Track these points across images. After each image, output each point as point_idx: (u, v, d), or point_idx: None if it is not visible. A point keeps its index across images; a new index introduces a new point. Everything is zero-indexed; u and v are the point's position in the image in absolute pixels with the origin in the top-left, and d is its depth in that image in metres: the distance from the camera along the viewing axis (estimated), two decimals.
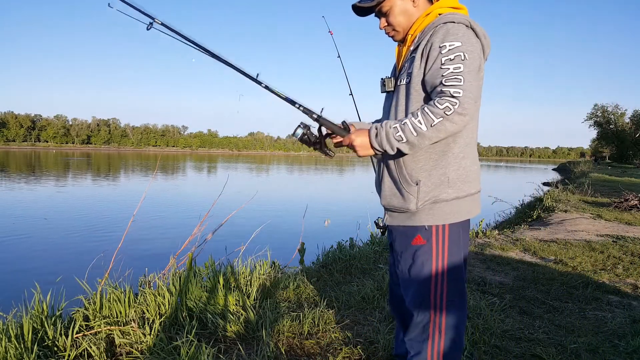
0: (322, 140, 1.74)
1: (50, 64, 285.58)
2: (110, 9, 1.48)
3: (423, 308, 1.72)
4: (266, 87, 1.72)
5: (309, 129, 1.73)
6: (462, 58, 1.50)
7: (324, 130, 1.73)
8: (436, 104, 1.49)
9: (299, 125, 1.72)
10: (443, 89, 1.49)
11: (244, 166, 45.93)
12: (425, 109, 1.50)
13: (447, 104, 1.47)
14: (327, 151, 1.77)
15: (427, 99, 1.62)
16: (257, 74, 1.72)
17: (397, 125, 1.54)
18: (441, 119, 1.47)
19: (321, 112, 1.71)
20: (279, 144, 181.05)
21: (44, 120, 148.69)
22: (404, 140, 1.53)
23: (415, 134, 1.50)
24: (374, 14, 1.78)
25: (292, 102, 1.73)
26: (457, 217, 1.68)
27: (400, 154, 1.63)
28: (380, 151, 1.61)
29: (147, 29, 1.58)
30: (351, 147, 1.64)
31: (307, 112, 1.72)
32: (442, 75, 1.50)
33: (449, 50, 1.51)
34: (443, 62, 1.51)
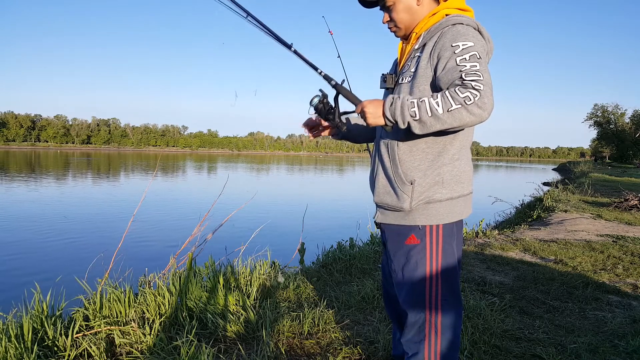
0: (337, 110, 1.78)
1: (51, 64, 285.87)
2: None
3: (417, 308, 1.72)
4: (295, 52, 1.77)
5: (326, 97, 1.77)
6: (478, 57, 1.50)
7: (340, 107, 1.78)
8: (457, 91, 1.46)
9: (318, 93, 1.76)
10: (464, 82, 1.47)
11: (244, 166, 45.91)
12: (446, 92, 1.47)
13: (468, 93, 1.44)
14: (338, 122, 1.79)
15: None
16: (292, 43, 1.80)
17: (415, 101, 1.50)
18: (460, 106, 1.44)
19: (342, 82, 1.75)
20: (279, 144, 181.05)
21: (44, 120, 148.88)
22: (417, 117, 1.48)
23: (429, 114, 1.47)
24: (379, 7, 1.77)
25: (315, 68, 1.76)
26: (451, 218, 1.68)
27: (397, 149, 1.65)
28: (391, 122, 1.55)
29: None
30: (362, 113, 1.60)
31: (327, 78, 1.75)
32: (461, 71, 1.49)
33: (463, 49, 1.51)
34: (459, 60, 1.50)
